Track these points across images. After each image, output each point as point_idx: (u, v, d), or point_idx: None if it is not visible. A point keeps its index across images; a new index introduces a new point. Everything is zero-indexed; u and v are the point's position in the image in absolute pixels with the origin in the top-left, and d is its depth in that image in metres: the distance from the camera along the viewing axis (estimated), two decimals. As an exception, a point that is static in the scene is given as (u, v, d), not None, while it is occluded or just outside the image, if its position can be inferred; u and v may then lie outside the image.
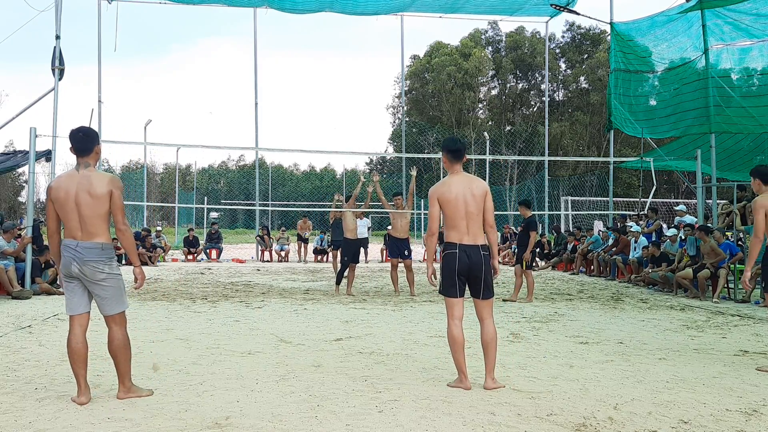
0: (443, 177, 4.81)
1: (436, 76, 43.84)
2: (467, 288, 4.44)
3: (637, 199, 15.49)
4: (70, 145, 3.93)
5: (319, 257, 19.32)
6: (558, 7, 16.01)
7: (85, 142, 3.92)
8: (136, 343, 5.74)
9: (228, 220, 43.00)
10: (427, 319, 7.59)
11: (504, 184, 39.05)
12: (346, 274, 10.30)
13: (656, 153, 15.33)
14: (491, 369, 4.35)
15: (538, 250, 17.04)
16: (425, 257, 18.24)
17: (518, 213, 10.45)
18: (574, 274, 15.15)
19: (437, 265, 4.58)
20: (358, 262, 10.61)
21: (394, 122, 48.46)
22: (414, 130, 42.43)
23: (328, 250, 18.00)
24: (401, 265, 10.23)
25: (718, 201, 13.87)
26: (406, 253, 10.13)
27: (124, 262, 17.01)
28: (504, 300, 9.43)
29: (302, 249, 19.41)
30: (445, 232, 4.46)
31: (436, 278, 4.56)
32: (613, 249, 13.98)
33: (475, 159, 36.83)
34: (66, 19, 13.63)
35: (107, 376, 4.53)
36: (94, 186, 3.84)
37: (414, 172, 10.51)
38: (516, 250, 11.21)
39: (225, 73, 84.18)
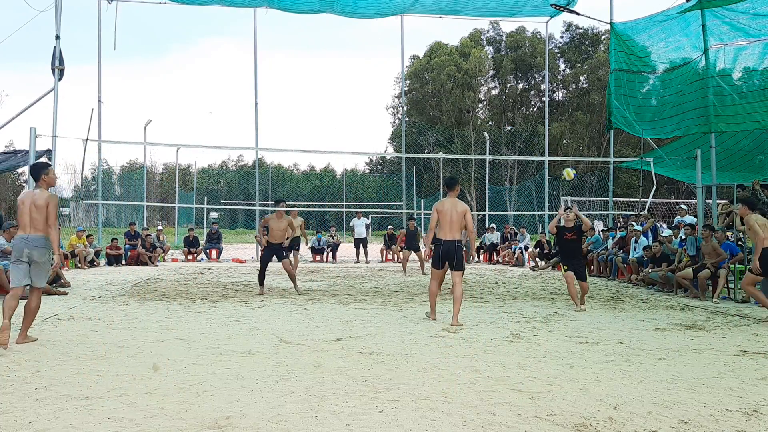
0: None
1: (436, 76, 43.82)
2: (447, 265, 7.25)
3: (637, 199, 15.48)
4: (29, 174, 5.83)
5: (318, 257, 19.31)
6: (558, 7, 16.03)
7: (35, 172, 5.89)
8: (135, 343, 5.77)
9: (228, 220, 42.96)
10: (427, 318, 7.59)
11: (504, 184, 39.06)
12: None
13: (656, 153, 15.33)
14: (456, 314, 7.01)
15: (538, 250, 17.05)
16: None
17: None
18: (574, 274, 15.12)
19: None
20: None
21: (394, 122, 48.48)
22: (414, 130, 42.43)
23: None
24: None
25: (718, 201, 13.86)
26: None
27: (124, 261, 17.05)
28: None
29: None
30: (437, 231, 7.18)
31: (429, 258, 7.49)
32: (616, 247, 13.97)
33: (475, 159, 36.85)
34: (66, 19, 13.62)
35: (107, 376, 4.54)
36: (36, 198, 5.72)
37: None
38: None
39: (225, 73, 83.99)
